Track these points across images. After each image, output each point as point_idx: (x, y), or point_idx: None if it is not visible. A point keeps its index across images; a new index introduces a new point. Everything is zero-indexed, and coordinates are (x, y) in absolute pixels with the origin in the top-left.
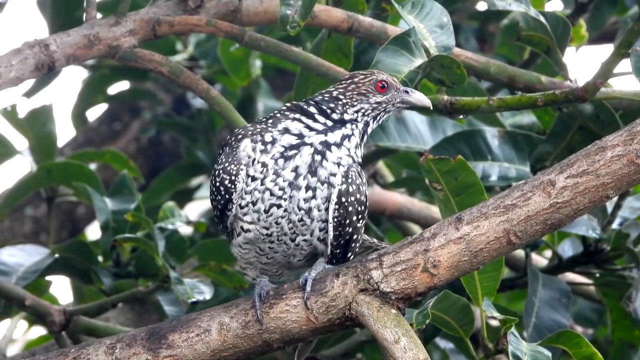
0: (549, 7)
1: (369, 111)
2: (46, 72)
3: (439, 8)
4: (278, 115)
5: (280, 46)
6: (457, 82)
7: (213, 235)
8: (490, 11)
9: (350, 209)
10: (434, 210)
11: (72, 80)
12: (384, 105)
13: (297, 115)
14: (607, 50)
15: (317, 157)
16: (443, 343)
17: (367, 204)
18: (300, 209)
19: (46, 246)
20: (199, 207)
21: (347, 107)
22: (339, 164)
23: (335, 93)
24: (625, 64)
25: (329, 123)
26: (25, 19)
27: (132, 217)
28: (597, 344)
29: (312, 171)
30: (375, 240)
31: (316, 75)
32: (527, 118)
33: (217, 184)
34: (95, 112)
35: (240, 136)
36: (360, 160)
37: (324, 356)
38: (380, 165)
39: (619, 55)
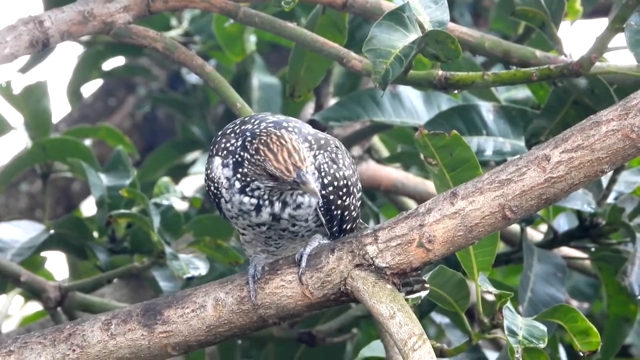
0: None
1: (268, 189)
2: (41, 48)
3: None
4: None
5: (274, 22)
6: (451, 57)
7: (208, 210)
8: None
9: (332, 197)
10: (429, 185)
11: (67, 56)
12: (276, 189)
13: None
14: (601, 24)
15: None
16: (439, 318)
17: (351, 180)
18: (284, 229)
19: (41, 222)
20: (194, 183)
21: (248, 178)
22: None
23: (245, 155)
24: (620, 39)
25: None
26: None
27: (127, 193)
28: (593, 318)
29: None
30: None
31: (311, 51)
32: (522, 93)
33: (206, 187)
34: (90, 88)
35: (214, 150)
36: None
37: (320, 331)
38: (375, 140)
39: (613, 30)
